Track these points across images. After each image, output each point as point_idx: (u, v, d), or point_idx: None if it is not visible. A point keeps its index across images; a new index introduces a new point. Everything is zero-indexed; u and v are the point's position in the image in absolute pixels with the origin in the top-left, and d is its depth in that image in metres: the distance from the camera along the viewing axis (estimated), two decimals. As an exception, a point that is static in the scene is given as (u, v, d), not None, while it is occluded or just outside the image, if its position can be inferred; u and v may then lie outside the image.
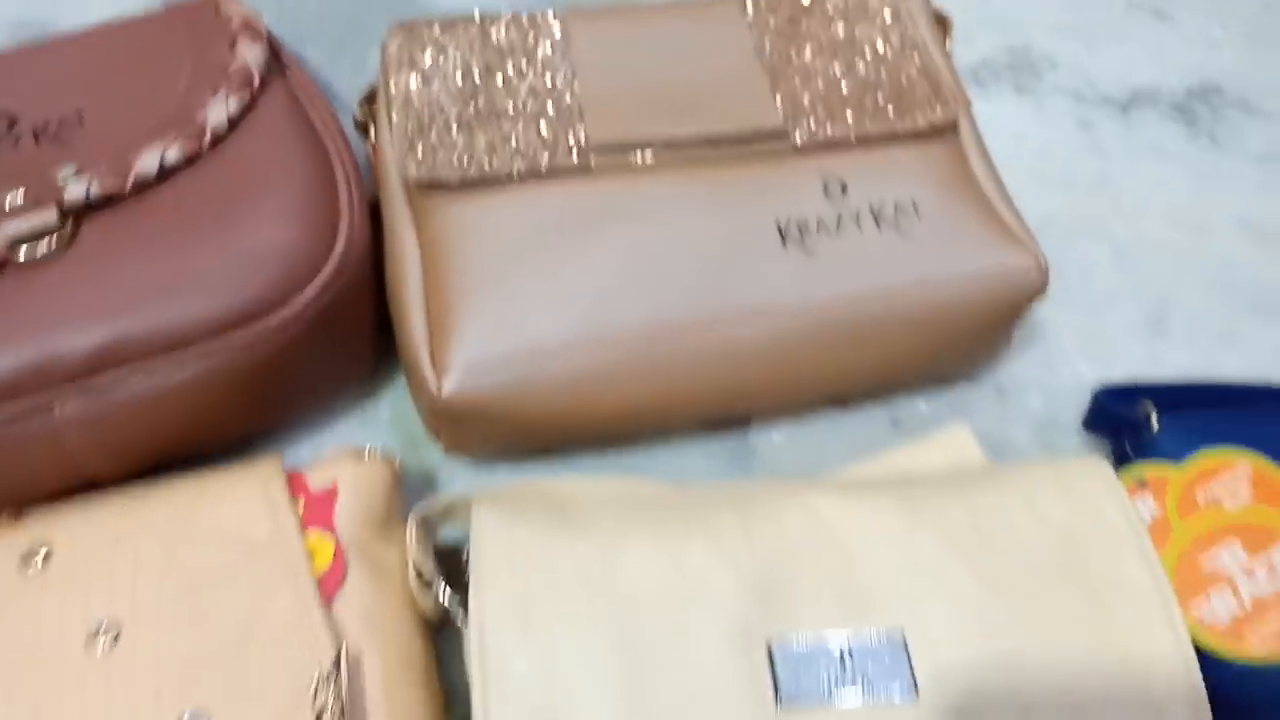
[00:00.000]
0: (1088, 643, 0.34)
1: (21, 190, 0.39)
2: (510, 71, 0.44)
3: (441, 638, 0.39)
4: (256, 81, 0.43)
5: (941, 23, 0.50)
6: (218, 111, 0.41)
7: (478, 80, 0.44)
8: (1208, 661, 0.36)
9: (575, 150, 0.42)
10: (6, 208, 0.38)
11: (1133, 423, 0.42)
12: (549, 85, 0.44)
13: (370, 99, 0.48)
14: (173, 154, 0.40)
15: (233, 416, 0.41)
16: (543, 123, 0.43)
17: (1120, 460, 0.42)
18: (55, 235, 0.38)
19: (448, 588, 0.37)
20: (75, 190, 0.38)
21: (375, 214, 0.44)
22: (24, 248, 0.38)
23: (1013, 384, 0.48)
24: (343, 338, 0.42)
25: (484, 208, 0.41)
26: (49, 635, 0.35)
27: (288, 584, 0.36)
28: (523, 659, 0.33)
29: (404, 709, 0.35)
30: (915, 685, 0.33)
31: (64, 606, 0.35)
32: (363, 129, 0.48)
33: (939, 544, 0.36)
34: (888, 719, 0.33)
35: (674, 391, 0.41)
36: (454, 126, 0.43)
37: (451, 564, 0.38)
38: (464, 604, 0.36)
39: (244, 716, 0.34)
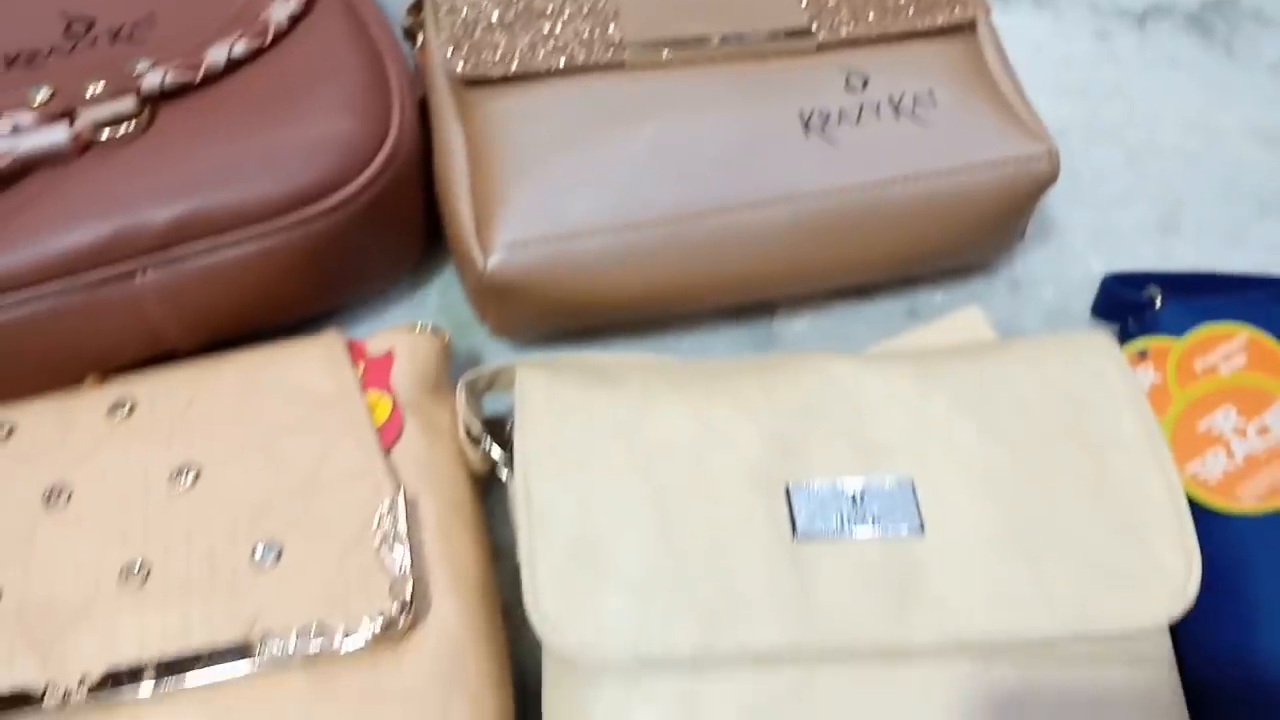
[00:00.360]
0: (1085, 488, 0.37)
1: (101, 82, 0.42)
2: (549, -25, 0.47)
3: (488, 503, 0.43)
4: (313, -15, 0.46)
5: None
6: (279, 10, 0.45)
7: (518, -16, 0.47)
8: (1200, 515, 0.38)
9: (610, 47, 0.45)
10: (89, 96, 0.42)
11: (1138, 305, 0.44)
12: (586, -13, 0.47)
13: (417, 7, 0.51)
14: (239, 48, 0.43)
15: (296, 292, 0.44)
16: (580, 22, 0.45)
17: (1125, 340, 0.44)
18: (134, 120, 0.41)
19: (494, 444, 0.40)
20: (151, 79, 0.42)
21: (424, 114, 0.47)
22: (106, 130, 0.41)
23: (1026, 278, 0.50)
24: (395, 223, 0.45)
25: (525, 101, 0.44)
26: (135, 474, 0.38)
27: (351, 433, 0.39)
28: (563, 495, 0.36)
29: (457, 547, 0.38)
30: (922, 524, 0.36)
31: (148, 450, 0.39)
32: (410, 36, 0.51)
33: (948, 402, 0.39)
34: (895, 550, 0.36)
35: (700, 273, 0.44)
36: (496, 28, 0.46)
37: (495, 432, 0.41)
38: (508, 462, 0.40)
39: (312, 546, 0.37)
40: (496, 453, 0.40)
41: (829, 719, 0.34)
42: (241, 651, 0.35)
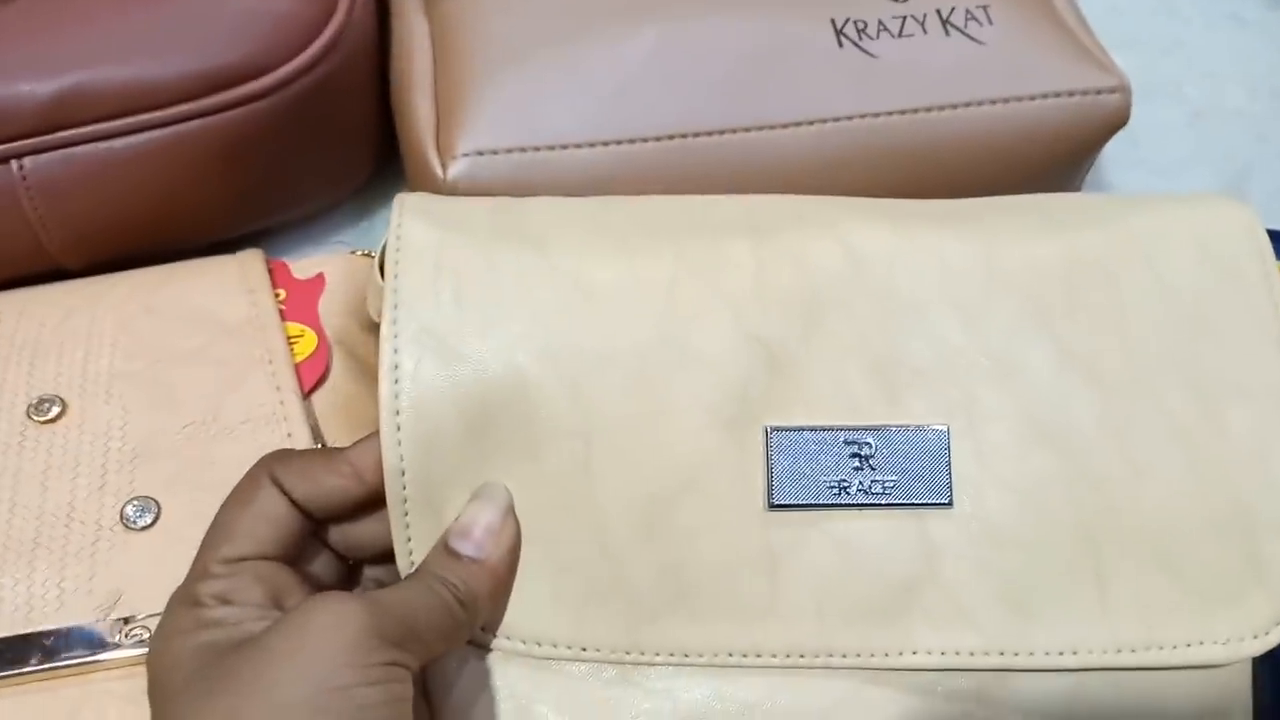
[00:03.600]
0: (1183, 454, 0.27)
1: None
2: None
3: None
4: None
5: None
6: None
7: None
8: None
9: (609, -67, 0.38)
10: (-38, -62, 0.34)
11: None
12: None
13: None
14: (157, -101, 0.36)
15: (210, 199, 0.36)
16: (574, -97, 0.38)
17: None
18: (18, -29, 0.34)
19: None
20: (44, -75, 0.34)
21: (384, 10, 0.40)
22: (-19, -18, 0.33)
23: (1073, 245, 0.44)
24: (337, 125, 0.38)
25: (504, -11, 0.37)
26: (-15, 401, 0.30)
27: (262, 368, 0.32)
28: (451, 424, 0.26)
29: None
30: (950, 495, 0.27)
31: (5, 375, 0.31)
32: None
33: (1019, 305, 0.28)
34: (905, 531, 0.27)
35: (705, 207, 0.37)
36: (474, -95, 0.38)
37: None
38: None
39: (199, 507, 0.29)
40: None
41: None
42: (98, 635, 0.28)
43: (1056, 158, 0.38)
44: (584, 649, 0.26)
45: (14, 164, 0.33)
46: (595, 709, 0.26)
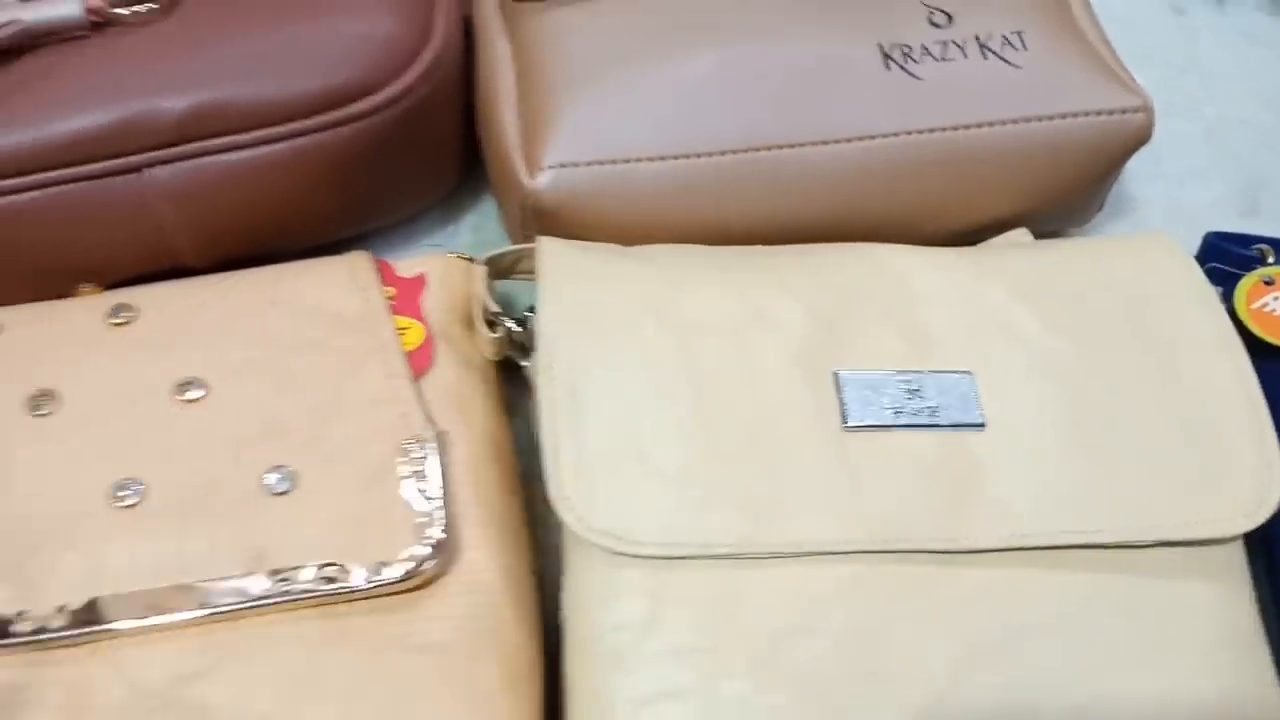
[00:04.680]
0: (1153, 386, 0.35)
1: (121, -40, 0.38)
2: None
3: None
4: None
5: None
6: (320, -100, 0.41)
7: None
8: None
9: (675, -37, 0.41)
10: (108, -29, 0.38)
11: (1246, 259, 0.42)
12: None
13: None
14: (275, -66, 0.39)
15: (319, 207, 0.40)
16: (644, -64, 0.42)
17: (1230, 292, 0.41)
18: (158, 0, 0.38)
19: (512, 323, 0.37)
20: (178, -41, 0.38)
21: (468, 34, 0.44)
22: (126, 10, 0.37)
23: (1098, 250, 0.47)
24: (432, 140, 0.42)
25: (577, 16, 0.41)
26: (133, 385, 0.34)
27: (377, 357, 0.35)
28: (590, 370, 0.34)
29: (489, 489, 0.35)
30: (982, 420, 0.34)
31: (150, 359, 0.35)
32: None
33: (1007, 291, 0.37)
34: (952, 446, 0.33)
35: (760, 214, 0.40)
36: (551, -61, 0.42)
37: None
38: (530, 342, 0.37)
39: (330, 476, 0.33)
40: (517, 332, 0.37)
41: (880, 620, 0.31)
42: (244, 589, 0.32)
43: (1084, 171, 0.42)
44: (707, 544, 0.31)
45: (148, 172, 0.37)
46: (718, 600, 0.31)
